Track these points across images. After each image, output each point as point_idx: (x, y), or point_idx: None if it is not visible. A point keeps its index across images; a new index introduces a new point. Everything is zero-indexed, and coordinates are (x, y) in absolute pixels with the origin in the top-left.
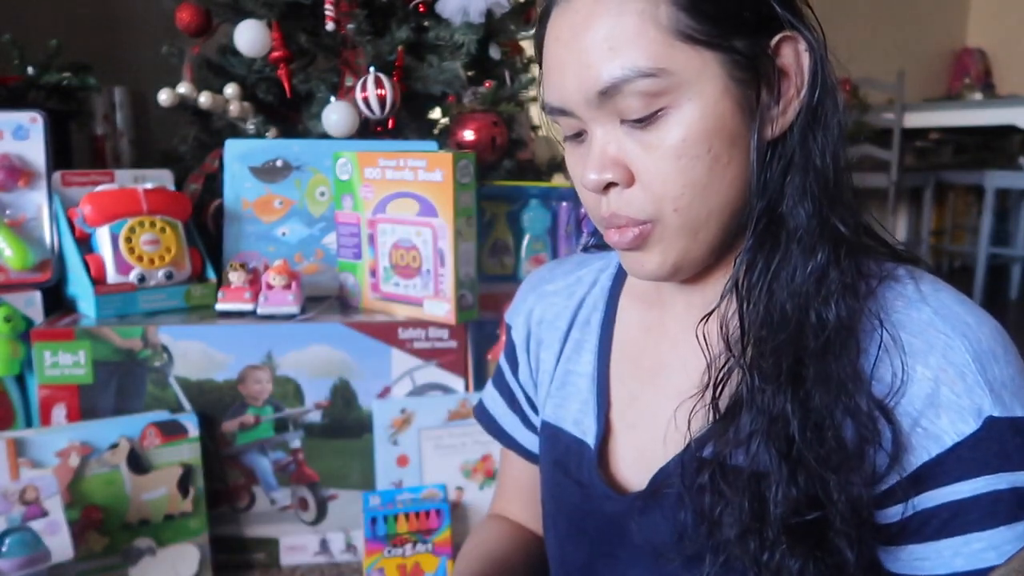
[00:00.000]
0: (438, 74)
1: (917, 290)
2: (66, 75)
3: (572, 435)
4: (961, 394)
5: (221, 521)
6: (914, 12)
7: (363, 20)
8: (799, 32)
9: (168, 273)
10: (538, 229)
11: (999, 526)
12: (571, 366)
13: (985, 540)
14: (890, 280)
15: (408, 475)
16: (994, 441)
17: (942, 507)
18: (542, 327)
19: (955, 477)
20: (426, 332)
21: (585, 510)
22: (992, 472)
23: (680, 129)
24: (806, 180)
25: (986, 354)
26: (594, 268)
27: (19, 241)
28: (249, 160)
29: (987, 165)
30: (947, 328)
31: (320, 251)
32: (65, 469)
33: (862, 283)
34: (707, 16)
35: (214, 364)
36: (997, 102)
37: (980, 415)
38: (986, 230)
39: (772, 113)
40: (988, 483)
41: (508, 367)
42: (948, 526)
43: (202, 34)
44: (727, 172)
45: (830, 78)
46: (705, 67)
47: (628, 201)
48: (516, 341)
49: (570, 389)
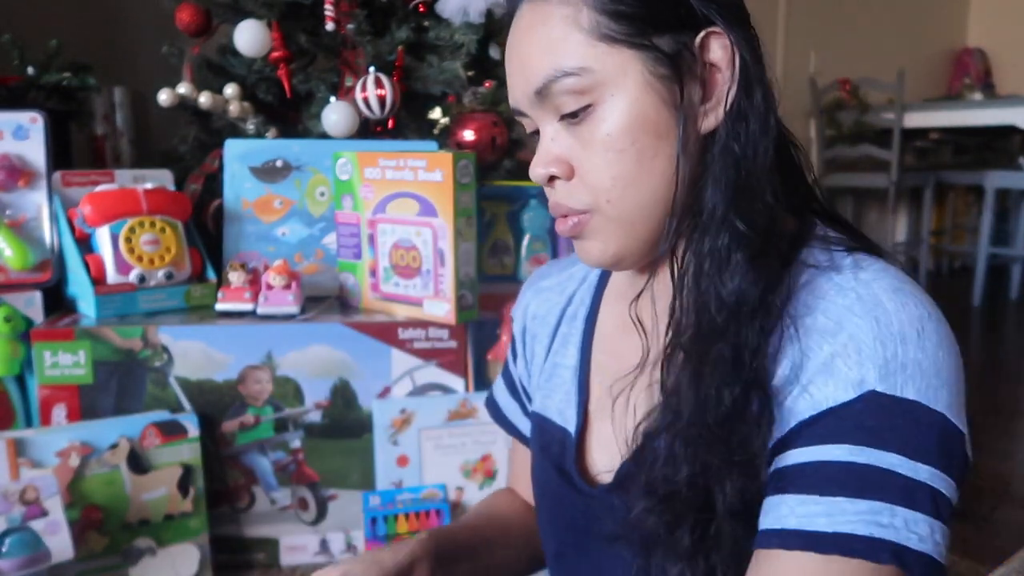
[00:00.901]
0: (438, 74)
1: (854, 278)
2: (66, 75)
3: (556, 424)
4: (852, 367)
5: (221, 521)
6: (914, 12)
7: (363, 20)
8: (723, 29)
9: (168, 273)
10: (538, 229)
11: (840, 496)
12: (558, 359)
13: (823, 505)
14: (831, 270)
15: (408, 475)
16: (869, 415)
17: (796, 466)
18: (536, 321)
19: (817, 440)
20: (426, 332)
21: (562, 499)
22: (856, 443)
23: (605, 124)
24: (727, 174)
25: (893, 336)
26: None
27: (19, 241)
28: (249, 160)
29: (987, 165)
30: (862, 311)
31: (320, 251)
32: (65, 469)
33: (801, 271)
34: (624, 17)
35: (214, 364)
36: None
37: (862, 386)
38: (986, 230)
39: (703, 108)
40: (847, 452)
41: (511, 357)
42: (794, 483)
43: (202, 34)
44: (655, 165)
45: (758, 74)
46: (626, 65)
47: (569, 193)
48: (515, 333)
49: (556, 381)
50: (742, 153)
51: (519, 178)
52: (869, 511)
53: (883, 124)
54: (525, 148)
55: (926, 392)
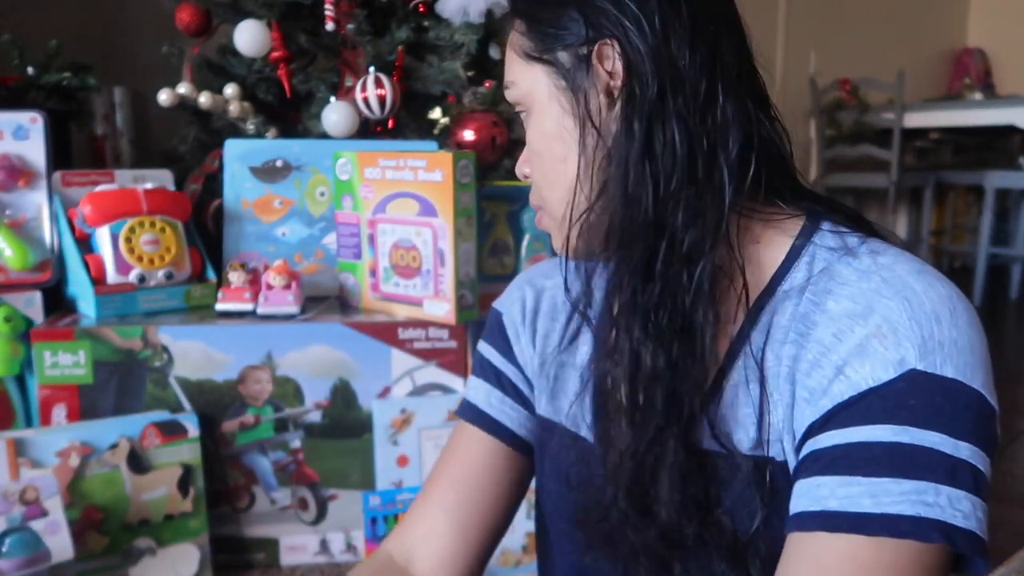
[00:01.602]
0: (438, 74)
1: (873, 262)
2: (66, 75)
3: (568, 430)
4: (889, 347)
5: (221, 521)
6: (914, 12)
7: (363, 20)
8: (615, 38)
9: (168, 273)
10: (538, 229)
11: (884, 476)
12: (566, 358)
13: (865, 486)
14: (847, 255)
15: (408, 475)
16: (911, 394)
17: (837, 447)
18: (539, 317)
19: (859, 420)
20: (426, 332)
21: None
22: (899, 423)
23: (530, 131)
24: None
25: (927, 315)
26: None
27: (19, 241)
28: (249, 160)
29: (987, 165)
30: (891, 293)
31: (320, 251)
32: (65, 469)
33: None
34: (533, 35)
35: (214, 364)
36: (997, 102)
37: (903, 365)
38: (986, 230)
39: (606, 116)
40: (891, 432)
41: (494, 352)
42: (833, 465)
43: (202, 34)
44: (570, 171)
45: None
46: (536, 79)
47: (534, 188)
48: (506, 325)
49: (566, 382)
50: (636, 157)
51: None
52: (914, 491)
53: (883, 124)
54: None
55: (964, 370)
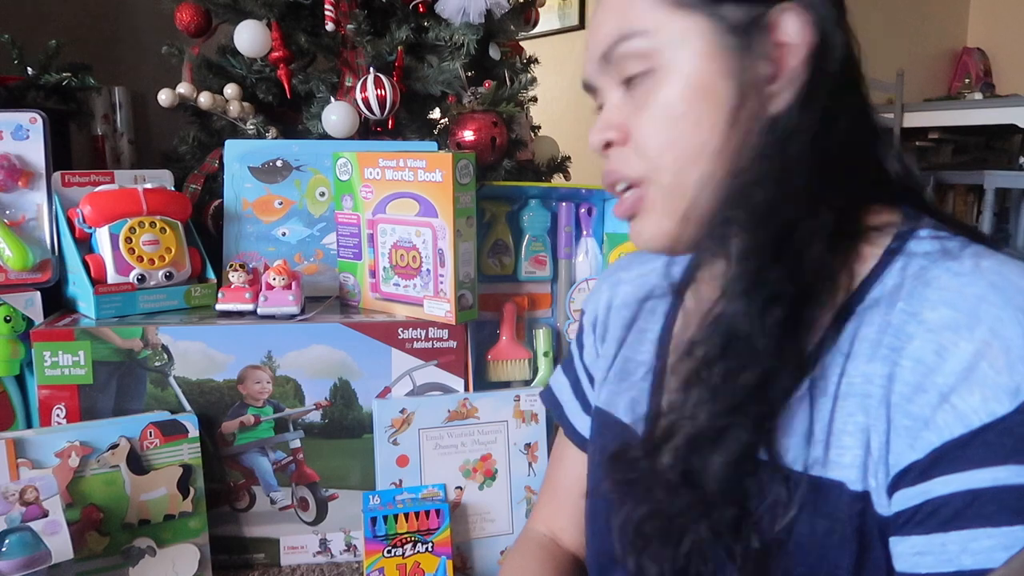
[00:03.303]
0: (438, 74)
1: (976, 265)
2: (66, 75)
3: (622, 423)
4: (1001, 370)
5: (221, 521)
6: (914, 12)
7: (363, 20)
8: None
9: (168, 273)
10: (538, 229)
11: (1017, 524)
12: (631, 353)
13: (998, 538)
14: (947, 258)
15: (408, 475)
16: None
17: (956, 495)
18: (610, 313)
19: (977, 462)
20: (426, 332)
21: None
22: (1021, 462)
23: (664, 89)
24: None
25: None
26: (667, 260)
27: (19, 241)
28: (249, 160)
29: (987, 165)
30: (1001, 301)
31: (320, 251)
32: (65, 469)
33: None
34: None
35: (214, 364)
36: (997, 102)
37: (1018, 396)
38: (986, 230)
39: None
40: (1015, 473)
41: (577, 350)
42: (959, 517)
43: (202, 34)
44: (712, 139)
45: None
46: (689, 31)
47: (623, 158)
48: (585, 324)
49: (628, 377)
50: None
51: (519, 178)
52: None
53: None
54: (525, 148)
55: None
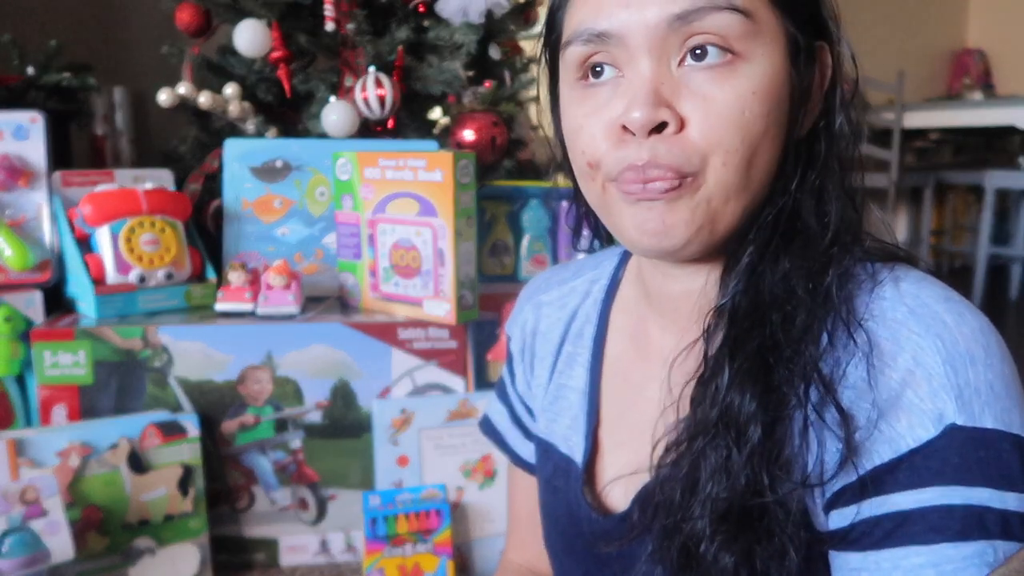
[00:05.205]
0: (438, 74)
1: (896, 289)
2: (66, 75)
3: (561, 452)
4: (924, 398)
5: (221, 521)
6: (914, 12)
7: (363, 20)
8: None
9: (168, 273)
10: (538, 229)
11: (943, 542)
12: (564, 380)
13: (925, 556)
14: (870, 280)
15: (408, 475)
16: (953, 451)
17: (887, 516)
18: (536, 338)
19: (905, 485)
20: (426, 332)
21: (574, 529)
22: (946, 484)
23: (750, 82)
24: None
25: (961, 356)
26: (587, 278)
27: (19, 241)
28: (249, 160)
29: (987, 165)
30: (920, 328)
31: (320, 251)
32: (65, 469)
33: (845, 283)
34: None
35: (214, 364)
36: (997, 102)
37: (941, 421)
38: (986, 230)
39: (802, 109)
40: (939, 495)
41: (508, 378)
42: (890, 537)
43: (202, 34)
44: (772, 146)
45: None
46: (778, 32)
47: (679, 147)
48: (513, 352)
49: (562, 404)
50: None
51: (519, 178)
52: (975, 553)
53: (883, 124)
54: (525, 148)
55: (1003, 417)
